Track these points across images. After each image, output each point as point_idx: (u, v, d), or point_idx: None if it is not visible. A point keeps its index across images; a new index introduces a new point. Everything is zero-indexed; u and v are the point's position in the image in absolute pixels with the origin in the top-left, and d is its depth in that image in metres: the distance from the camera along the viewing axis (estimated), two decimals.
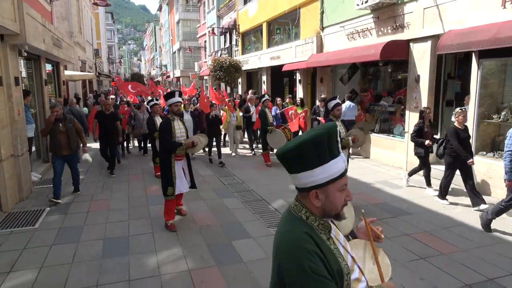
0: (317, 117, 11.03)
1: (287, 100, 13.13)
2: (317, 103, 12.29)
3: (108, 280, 4.12)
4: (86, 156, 7.13)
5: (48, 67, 11.35)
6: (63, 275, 4.24)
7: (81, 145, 7.14)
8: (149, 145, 10.87)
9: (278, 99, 12.39)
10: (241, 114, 11.72)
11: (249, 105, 11.58)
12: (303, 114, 11.10)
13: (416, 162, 7.81)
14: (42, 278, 4.17)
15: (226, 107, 11.66)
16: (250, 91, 15.31)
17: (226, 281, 4.09)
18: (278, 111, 11.48)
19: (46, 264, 4.48)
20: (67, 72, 14.65)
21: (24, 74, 8.91)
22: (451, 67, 8.92)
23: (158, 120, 8.46)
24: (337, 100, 6.18)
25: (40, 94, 9.55)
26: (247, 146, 12.56)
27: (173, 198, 5.57)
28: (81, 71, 19.88)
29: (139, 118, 10.83)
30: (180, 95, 5.69)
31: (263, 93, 12.03)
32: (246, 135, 12.71)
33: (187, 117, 9.89)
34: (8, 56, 6.63)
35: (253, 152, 11.58)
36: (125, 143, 11.52)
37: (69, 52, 12.06)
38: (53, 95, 11.71)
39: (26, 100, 7.87)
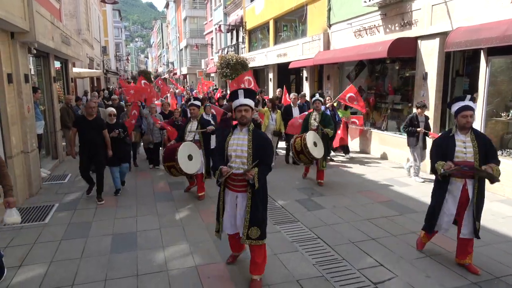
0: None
1: (328, 100, 10.05)
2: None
3: (116, 275, 4.19)
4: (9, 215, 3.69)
5: (57, 64, 11.47)
6: (73, 269, 4.30)
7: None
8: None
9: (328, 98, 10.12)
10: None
11: (292, 106, 9.52)
12: (357, 120, 10.25)
13: (426, 161, 7.79)
14: (52, 272, 4.25)
15: (266, 107, 9.71)
16: (278, 90, 13.19)
17: (232, 277, 4.12)
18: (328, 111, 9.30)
19: (55, 259, 4.56)
20: (75, 69, 14.77)
21: (33, 71, 9.01)
22: (459, 65, 8.85)
23: (193, 127, 6.74)
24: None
25: (49, 91, 9.65)
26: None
27: (219, 237, 4.24)
28: (89, 68, 20.02)
29: (149, 122, 9.15)
30: (252, 95, 3.85)
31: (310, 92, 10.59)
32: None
33: (209, 119, 8.41)
34: (18, 53, 6.72)
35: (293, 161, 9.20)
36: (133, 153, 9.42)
37: (77, 50, 12.16)
38: (62, 92, 11.81)
39: (35, 97, 7.96)
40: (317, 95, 7.78)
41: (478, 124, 7.26)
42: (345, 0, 11.52)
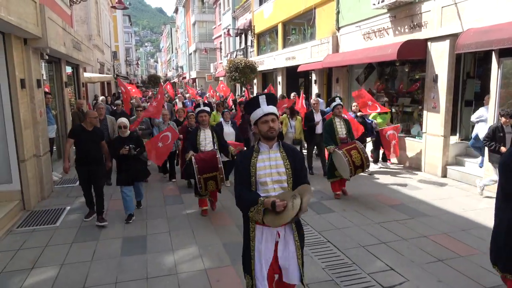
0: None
1: (354, 108, 9.31)
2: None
3: (126, 277, 4.21)
4: None
5: (68, 69, 11.63)
6: (83, 272, 4.35)
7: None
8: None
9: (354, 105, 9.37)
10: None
11: (313, 111, 8.66)
12: (394, 131, 9.09)
13: (437, 164, 7.70)
14: (63, 274, 4.29)
15: (284, 114, 9.16)
16: (292, 94, 11.82)
17: (242, 280, 4.11)
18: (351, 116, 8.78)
19: (67, 262, 4.61)
20: (86, 74, 14.96)
21: (45, 76, 9.15)
22: (470, 66, 8.75)
23: (207, 135, 6.06)
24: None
25: (60, 96, 9.80)
26: None
27: None
28: (100, 73, 20.25)
29: (161, 129, 8.15)
30: (274, 100, 3.03)
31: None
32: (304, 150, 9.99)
33: (228, 129, 7.81)
34: (30, 59, 6.84)
35: (310, 171, 8.79)
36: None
37: (88, 55, 12.33)
38: (73, 97, 11.96)
39: (46, 100, 8.07)
40: (337, 100, 7.00)
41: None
42: (354, 3, 11.49)
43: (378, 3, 9.79)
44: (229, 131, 7.68)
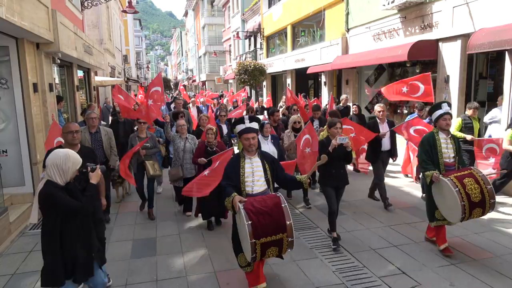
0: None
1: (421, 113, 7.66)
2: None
3: (136, 280, 4.23)
4: None
5: (80, 73, 11.79)
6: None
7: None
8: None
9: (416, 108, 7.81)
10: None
11: (378, 121, 6.49)
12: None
13: None
14: None
15: None
16: (313, 100, 10.90)
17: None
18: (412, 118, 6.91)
19: None
20: (97, 78, 15.13)
21: (57, 80, 9.29)
22: (483, 67, 8.62)
23: (255, 167, 3.79)
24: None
25: (72, 100, 9.93)
26: None
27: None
28: (111, 76, 20.47)
29: (176, 148, 6.10)
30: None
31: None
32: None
33: (268, 147, 5.73)
34: (43, 63, 6.96)
35: (390, 205, 6.48)
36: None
37: (99, 59, 12.48)
38: (84, 101, 12.11)
39: (59, 106, 8.20)
40: (445, 107, 4.74)
41: (503, 127, 7.02)
42: (363, 4, 11.43)
43: (388, 3, 9.73)
44: (269, 151, 5.15)
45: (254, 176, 3.72)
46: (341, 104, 9.73)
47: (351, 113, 8.87)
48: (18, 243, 5.31)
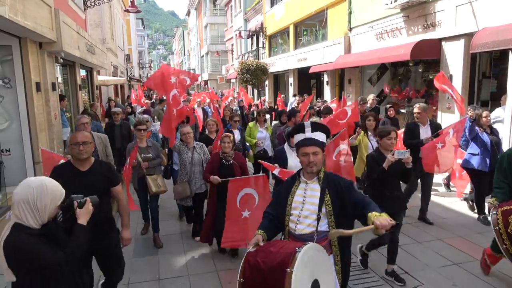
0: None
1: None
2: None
3: (139, 278, 4.24)
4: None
5: (82, 72, 11.81)
6: (96, 273, 4.37)
7: None
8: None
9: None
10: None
11: (419, 124, 5.72)
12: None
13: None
14: None
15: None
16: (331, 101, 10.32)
17: None
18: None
19: None
20: (100, 77, 15.15)
21: (60, 79, 9.31)
22: (486, 66, 8.59)
23: (307, 195, 2.66)
24: None
25: (75, 99, 9.95)
26: None
27: None
28: (113, 76, 20.52)
29: (183, 160, 5.06)
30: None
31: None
32: None
33: (292, 160, 4.27)
34: (45, 62, 6.97)
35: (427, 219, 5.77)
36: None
37: (102, 58, 12.49)
38: (87, 100, 12.12)
39: (62, 105, 8.21)
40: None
41: (507, 128, 7.01)
42: (366, 3, 11.40)
43: (391, 3, 9.71)
44: (293, 164, 4.18)
45: (303, 210, 2.58)
46: (368, 105, 8.17)
47: (382, 116, 7.84)
48: None
